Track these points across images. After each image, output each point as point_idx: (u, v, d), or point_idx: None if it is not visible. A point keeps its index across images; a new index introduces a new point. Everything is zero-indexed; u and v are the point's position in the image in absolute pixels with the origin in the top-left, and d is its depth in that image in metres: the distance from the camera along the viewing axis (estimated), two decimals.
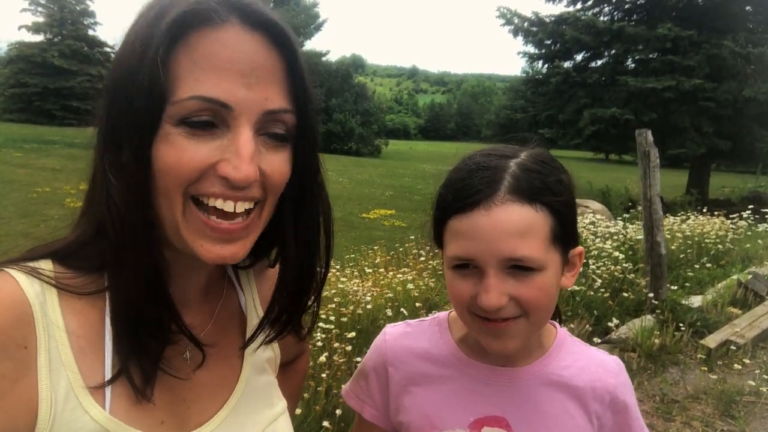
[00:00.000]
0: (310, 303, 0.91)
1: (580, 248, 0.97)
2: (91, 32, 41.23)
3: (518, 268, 0.86)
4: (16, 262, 0.72)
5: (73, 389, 0.69)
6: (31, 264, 0.72)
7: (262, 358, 0.95)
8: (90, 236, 0.74)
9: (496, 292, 0.85)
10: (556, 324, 1.09)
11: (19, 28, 39.93)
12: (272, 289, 0.89)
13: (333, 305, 4.07)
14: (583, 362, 1.03)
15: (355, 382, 1.15)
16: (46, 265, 0.73)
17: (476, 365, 1.02)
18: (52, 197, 10.89)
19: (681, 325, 4.94)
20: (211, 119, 0.68)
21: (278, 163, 0.74)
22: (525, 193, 0.86)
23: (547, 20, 18.58)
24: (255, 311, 0.96)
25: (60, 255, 0.75)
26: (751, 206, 9.42)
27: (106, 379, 0.72)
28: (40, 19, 39.60)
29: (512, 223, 0.84)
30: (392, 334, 1.12)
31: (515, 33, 19.27)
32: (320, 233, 0.87)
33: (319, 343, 3.44)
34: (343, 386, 1.19)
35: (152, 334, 0.73)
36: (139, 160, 0.67)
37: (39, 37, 39.60)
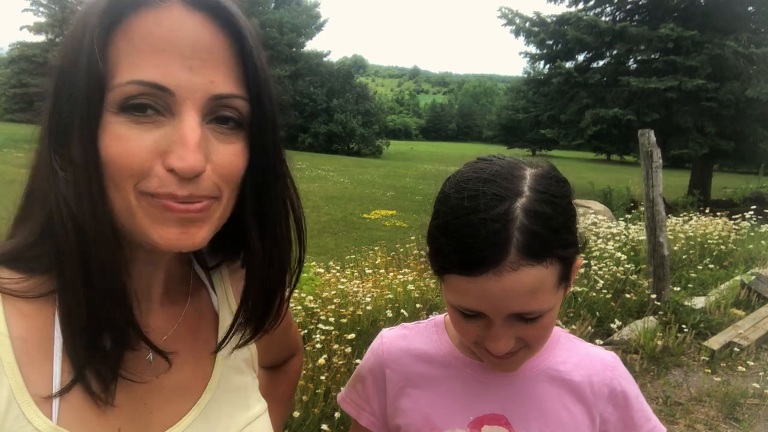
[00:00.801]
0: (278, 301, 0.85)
1: (579, 261, 0.91)
2: None
3: (527, 314, 0.84)
4: None
5: (15, 398, 0.64)
6: None
7: (237, 358, 0.90)
8: (36, 236, 0.69)
9: (504, 340, 0.85)
10: None
11: (21, 28, 40.05)
12: None
13: (333, 306, 4.04)
14: (579, 357, 1.03)
15: (352, 388, 1.14)
16: None
17: (474, 364, 1.02)
18: None
19: (684, 326, 4.91)
20: (151, 103, 0.63)
21: (230, 154, 0.69)
22: (537, 254, 0.79)
23: (549, 20, 18.51)
24: (229, 309, 0.90)
25: (4, 259, 0.70)
26: (753, 207, 9.37)
27: (56, 387, 0.67)
28: (42, 20, 39.68)
29: (524, 285, 0.80)
30: (389, 336, 1.11)
31: (517, 33, 19.20)
32: (289, 227, 0.81)
33: (318, 345, 3.41)
34: (339, 392, 1.17)
35: (109, 337, 0.68)
36: (87, 149, 0.62)
37: (41, 38, 39.72)
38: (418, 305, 4.35)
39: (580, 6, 19.19)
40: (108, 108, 0.63)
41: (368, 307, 4.10)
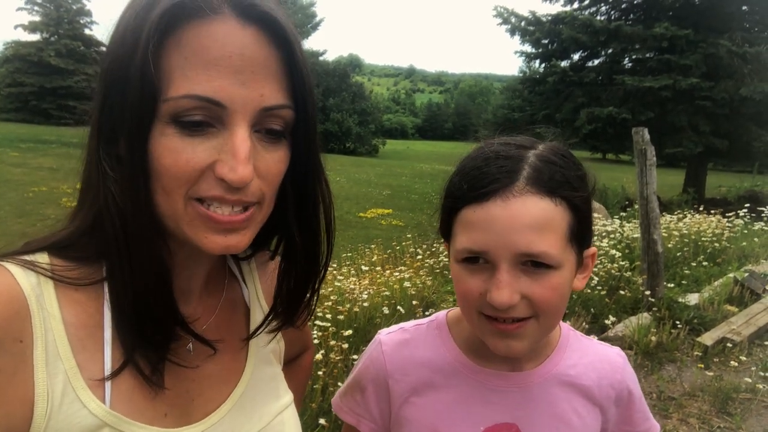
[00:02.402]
0: (309, 294, 0.90)
1: (593, 249, 0.93)
2: (87, 31, 41.07)
3: (533, 264, 0.81)
4: (12, 255, 0.71)
5: (70, 382, 0.68)
6: (27, 257, 0.71)
7: (267, 350, 0.94)
8: (87, 227, 0.73)
9: (508, 289, 0.80)
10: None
11: (15, 27, 39.82)
12: (275, 281, 0.88)
13: (330, 303, 4.07)
14: (589, 359, 1.01)
15: (350, 396, 1.08)
16: (42, 258, 0.72)
17: (482, 371, 0.97)
18: (48, 197, 10.87)
19: (678, 322, 4.95)
20: (205, 119, 0.66)
21: (275, 161, 0.72)
22: (545, 186, 0.81)
23: (544, 19, 18.58)
24: (258, 303, 0.95)
25: (56, 247, 0.73)
26: (747, 205, 9.45)
27: (107, 372, 0.71)
28: (37, 18, 39.48)
29: (531, 216, 0.79)
30: (389, 343, 1.04)
31: (512, 32, 19.26)
32: (320, 223, 0.85)
33: (316, 341, 3.44)
34: (334, 397, 1.13)
35: (156, 325, 0.72)
36: (136, 154, 0.66)
37: (35, 37, 39.49)
38: (414, 302, 4.38)
39: (575, 5, 19.26)
40: (160, 118, 0.65)
41: (365, 304, 4.13)
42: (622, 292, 5.44)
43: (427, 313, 3.95)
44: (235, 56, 0.65)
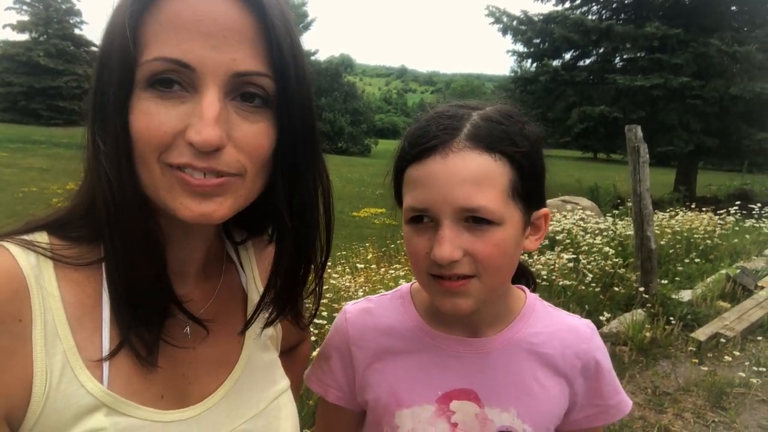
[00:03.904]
0: (313, 285, 0.89)
1: (545, 210, 0.93)
2: (77, 31, 40.88)
3: (474, 221, 0.82)
4: (11, 235, 0.70)
5: (69, 362, 0.68)
6: (26, 236, 0.70)
7: (264, 336, 0.93)
8: (85, 206, 0.73)
9: (449, 245, 0.81)
10: (525, 289, 1.06)
11: (4, 26, 39.54)
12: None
13: (325, 301, 4.06)
14: (554, 328, 1.00)
15: (317, 366, 1.10)
16: (41, 237, 0.72)
17: (442, 337, 0.98)
18: (38, 197, 10.77)
19: (671, 318, 4.98)
20: (177, 78, 0.66)
21: (254, 132, 0.70)
22: (483, 141, 0.83)
23: (536, 19, 18.64)
24: (256, 289, 0.94)
25: (55, 226, 0.73)
26: (737, 203, 9.54)
27: (105, 352, 0.70)
28: (25, 18, 39.16)
29: (468, 170, 0.81)
30: (353, 312, 1.06)
31: (504, 32, 19.31)
32: (319, 210, 0.83)
33: (312, 339, 3.42)
34: (305, 371, 1.13)
35: (151, 304, 0.72)
36: (118, 123, 0.66)
37: (24, 36, 39.18)
38: None
39: (567, 5, 19.33)
40: (138, 85, 0.66)
41: None
42: (616, 289, 5.47)
43: None
44: (207, 20, 0.66)
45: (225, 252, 0.93)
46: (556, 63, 18.86)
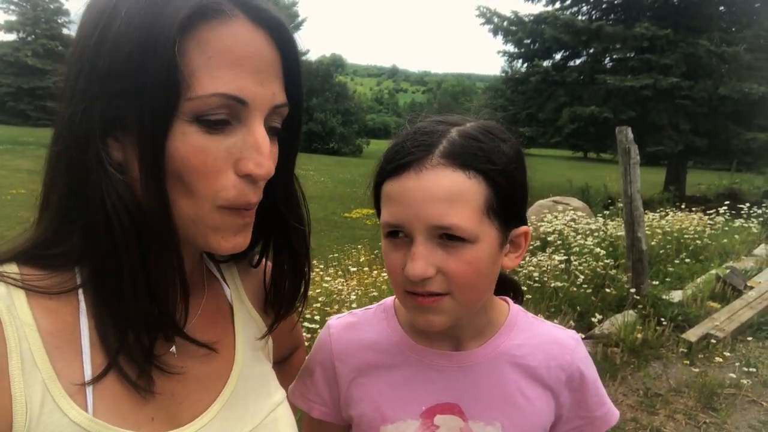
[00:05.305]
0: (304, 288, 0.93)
1: (525, 228, 0.92)
2: (65, 31, 40.46)
3: (447, 238, 0.82)
4: None
5: (49, 391, 0.65)
6: None
7: (256, 348, 0.92)
8: (52, 232, 0.71)
9: (422, 262, 0.81)
10: (509, 300, 1.05)
11: None
12: (260, 284, 0.92)
13: (318, 304, 4.04)
14: (537, 340, 0.99)
15: (300, 381, 1.09)
16: (10, 269, 0.69)
17: (425, 351, 0.97)
18: (27, 199, 10.62)
19: (662, 319, 5.01)
20: (227, 117, 0.68)
21: (274, 155, 0.76)
22: (458, 159, 0.82)
23: (527, 19, 18.69)
24: (242, 302, 0.94)
25: (25, 257, 0.71)
26: (727, 202, 9.61)
27: (87, 378, 0.68)
28: (13, 18, 38.85)
29: (441, 187, 0.81)
30: (336, 326, 1.05)
31: (495, 32, 19.34)
32: (306, 206, 0.90)
33: (306, 343, 3.41)
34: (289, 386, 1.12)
35: (144, 328, 0.71)
36: (157, 153, 0.65)
37: (12, 36, 38.90)
38: None
39: (557, 5, 19.40)
40: (181, 117, 0.65)
41: (353, 305, 4.11)
42: (607, 290, 5.49)
43: None
44: (255, 57, 0.69)
45: (205, 268, 0.92)
46: (546, 63, 18.92)
